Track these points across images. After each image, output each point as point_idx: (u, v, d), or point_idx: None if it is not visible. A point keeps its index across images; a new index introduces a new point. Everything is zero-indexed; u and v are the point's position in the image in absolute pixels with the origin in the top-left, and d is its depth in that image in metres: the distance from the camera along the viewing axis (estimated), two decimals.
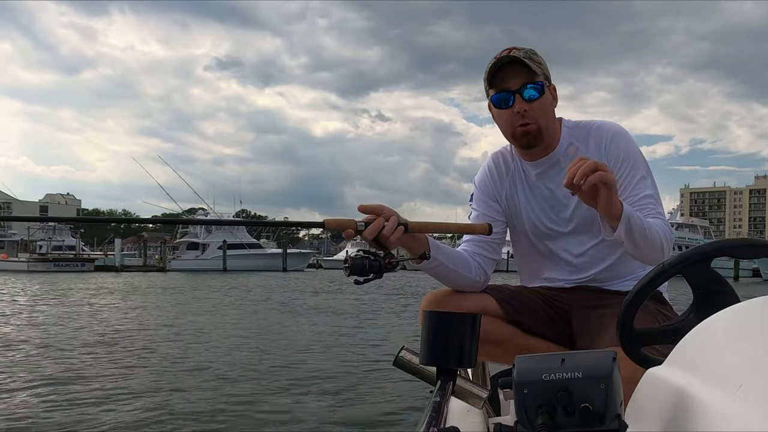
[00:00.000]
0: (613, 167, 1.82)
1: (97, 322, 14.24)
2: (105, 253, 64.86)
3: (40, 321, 14.54)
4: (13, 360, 9.22)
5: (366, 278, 1.44)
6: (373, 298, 20.71)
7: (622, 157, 1.84)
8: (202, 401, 6.64)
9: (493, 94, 1.85)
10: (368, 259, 1.43)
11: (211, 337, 11.67)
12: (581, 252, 1.92)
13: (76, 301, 20.78)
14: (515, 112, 1.82)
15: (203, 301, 21.29)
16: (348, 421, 5.94)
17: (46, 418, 5.96)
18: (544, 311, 1.92)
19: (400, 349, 1.30)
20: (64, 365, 8.66)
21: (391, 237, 1.53)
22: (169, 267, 54.39)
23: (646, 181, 1.84)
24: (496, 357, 1.93)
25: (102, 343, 10.86)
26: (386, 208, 1.57)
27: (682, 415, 0.79)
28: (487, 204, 1.99)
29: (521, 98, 1.81)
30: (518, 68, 1.81)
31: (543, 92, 1.83)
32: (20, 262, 52.59)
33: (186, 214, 67.93)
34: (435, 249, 1.79)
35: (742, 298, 1.04)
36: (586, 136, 1.90)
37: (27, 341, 11.07)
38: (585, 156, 1.83)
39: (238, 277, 40.51)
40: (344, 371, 8.28)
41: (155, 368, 8.46)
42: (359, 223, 1.51)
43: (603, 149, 1.86)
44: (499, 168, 2.00)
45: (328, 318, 15.49)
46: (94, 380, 7.62)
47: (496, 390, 2.03)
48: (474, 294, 1.91)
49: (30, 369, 8.40)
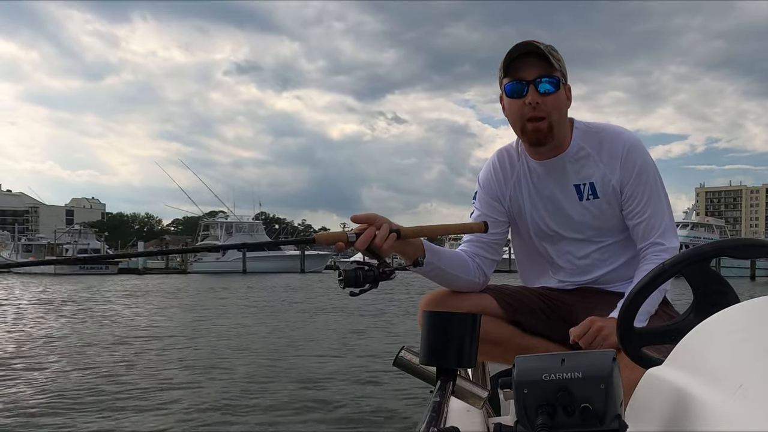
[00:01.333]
0: (626, 181, 1.82)
1: (124, 322, 15.06)
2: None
3: (68, 321, 15.15)
4: (44, 359, 9.60)
5: (362, 289, 1.44)
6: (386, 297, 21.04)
7: (636, 172, 1.82)
8: (201, 396, 6.76)
9: (507, 82, 1.80)
10: (362, 269, 1.43)
11: (221, 336, 12.12)
12: (584, 255, 1.91)
13: (103, 302, 21.80)
14: (527, 102, 1.76)
15: (221, 301, 22.18)
16: (348, 421, 5.94)
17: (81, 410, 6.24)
18: (544, 311, 1.91)
19: (400, 349, 1.30)
20: (95, 363, 9.09)
21: (383, 245, 1.52)
22: (190, 269, 55.96)
23: (659, 200, 1.84)
24: (496, 357, 1.93)
25: (133, 341, 11.54)
26: (378, 216, 1.56)
27: (682, 415, 0.79)
28: (489, 204, 1.97)
29: (535, 90, 1.75)
30: (536, 60, 1.76)
31: (558, 88, 1.78)
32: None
33: (207, 217, 70.67)
34: (430, 253, 1.78)
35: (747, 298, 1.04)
36: (599, 142, 1.86)
37: (59, 340, 11.72)
38: (599, 163, 1.83)
39: (257, 278, 41.01)
40: (344, 371, 8.29)
41: (174, 365, 8.78)
42: (350, 235, 1.50)
43: (618, 161, 1.83)
44: (504, 167, 1.96)
45: (336, 318, 15.62)
46: (123, 378, 8.01)
47: (496, 390, 2.03)
48: (474, 294, 1.90)
49: (61, 367, 8.83)
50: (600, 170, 1.83)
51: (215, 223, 63.04)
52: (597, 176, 1.84)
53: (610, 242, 1.90)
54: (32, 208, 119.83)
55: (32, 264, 2.91)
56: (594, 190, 1.85)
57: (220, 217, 64.94)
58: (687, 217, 57.92)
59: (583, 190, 1.85)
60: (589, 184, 1.85)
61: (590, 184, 1.85)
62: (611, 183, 1.83)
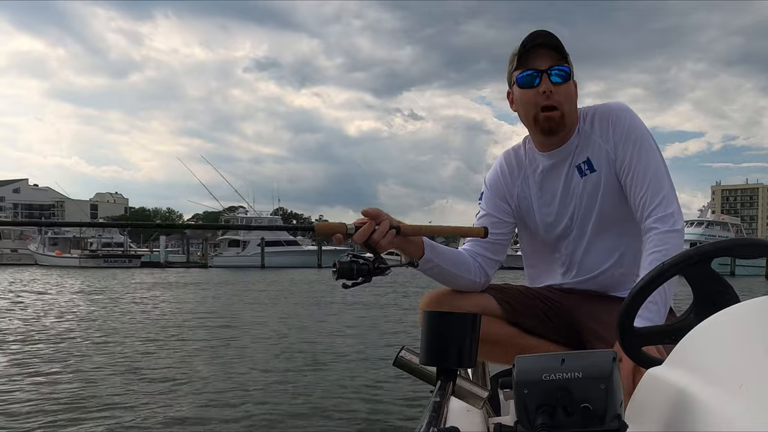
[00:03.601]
0: (617, 144, 1.83)
1: (155, 313, 15.79)
2: (150, 249, 69.50)
3: (95, 314, 15.64)
4: (70, 350, 9.89)
5: (354, 282, 1.45)
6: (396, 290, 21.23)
7: (626, 133, 1.83)
8: (200, 391, 6.78)
9: (519, 74, 1.82)
10: (357, 263, 1.44)
11: (229, 331, 12.29)
12: (589, 251, 1.91)
13: (129, 294, 22.63)
14: (541, 91, 1.79)
15: (241, 295, 22.86)
16: (348, 421, 5.93)
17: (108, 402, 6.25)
18: (544, 312, 1.91)
19: (400, 349, 1.30)
20: (120, 354, 9.45)
21: (381, 241, 1.53)
22: (210, 263, 56.71)
23: (654, 156, 1.81)
24: (496, 357, 1.93)
25: (158, 332, 12.04)
26: (382, 212, 1.58)
27: (682, 415, 0.79)
28: (495, 204, 1.97)
29: (548, 79, 1.79)
30: (548, 51, 1.80)
31: (570, 78, 1.82)
32: (73, 258, 56.14)
33: (227, 211, 72.17)
34: (431, 251, 1.78)
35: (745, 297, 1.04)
36: (592, 119, 1.89)
37: (86, 330, 12.26)
38: (593, 136, 1.85)
39: (275, 273, 41.39)
40: (345, 371, 8.28)
41: (191, 358, 8.83)
42: (350, 227, 1.52)
43: (610, 129, 1.85)
44: (511, 167, 1.98)
45: (342, 315, 15.67)
46: (148, 369, 8.31)
47: (496, 390, 2.03)
48: (474, 294, 1.90)
49: (88, 358, 9.16)
50: (595, 143, 1.85)
51: (235, 218, 63.17)
52: (593, 150, 1.86)
53: (616, 236, 1.89)
54: (58, 203, 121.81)
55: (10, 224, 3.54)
56: (590, 164, 1.86)
57: (240, 212, 65.40)
58: (702, 215, 57.07)
59: (583, 168, 1.87)
60: (586, 159, 1.86)
61: (587, 160, 1.86)
62: (607, 151, 1.84)
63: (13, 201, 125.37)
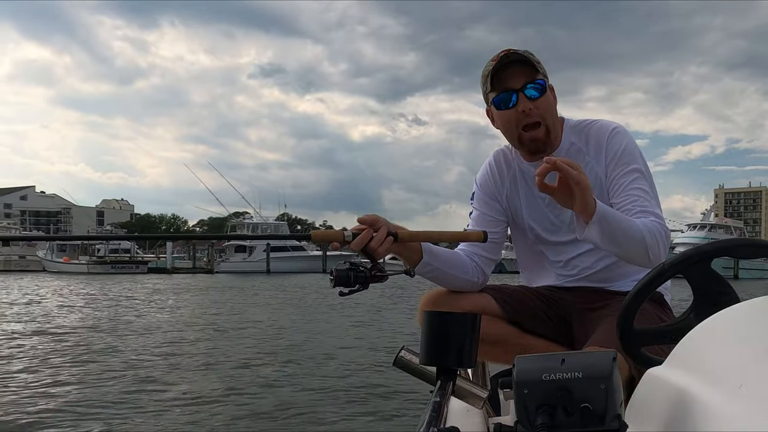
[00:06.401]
0: (609, 164, 1.82)
1: (163, 317, 15.95)
2: (157, 255, 69.93)
3: (104, 318, 15.74)
4: (81, 355, 9.85)
5: (351, 289, 1.45)
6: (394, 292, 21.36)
7: (619, 154, 1.81)
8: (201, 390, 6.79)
9: (495, 96, 1.81)
10: (353, 270, 1.44)
11: (228, 334, 12.42)
12: (582, 252, 1.91)
13: (136, 299, 22.95)
14: (520, 111, 1.78)
15: (248, 299, 23.29)
16: (348, 421, 5.93)
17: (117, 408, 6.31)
18: (543, 311, 1.91)
19: (400, 349, 1.30)
20: (131, 360, 9.34)
21: (379, 248, 1.53)
22: (216, 269, 57.30)
23: (641, 177, 1.79)
24: (496, 357, 1.93)
25: (172, 334, 12.24)
26: (380, 218, 1.58)
27: (682, 415, 0.79)
28: (487, 203, 1.98)
29: (525, 97, 1.77)
30: (519, 67, 1.78)
31: (545, 90, 1.80)
32: (81, 264, 57.01)
33: (233, 217, 71.86)
34: (429, 255, 1.78)
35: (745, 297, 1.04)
36: (587, 136, 1.87)
37: (95, 335, 12.23)
38: (586, 157, 1.83)
39: (281, 278, 41.47)
40: (345, 371, 8.29)
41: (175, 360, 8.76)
42: (347, 235, 1.51)
43: (603, 150, 1.84)
44: (500, 167, 1.98)
45: (343, 316, 15.72)
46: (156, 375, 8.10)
47: (496, 390, 2.03)
48: (473, 294, 1.90)
49: (96, 362, 9.12)
50: (588, 164, 1.83)
51: (242, 224, 63.23)
52: (586, 170, 1.84)
53: None
54: (65, 209, 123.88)
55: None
56: None
57: (246, 218, 65.63)
58: (705, 218, 57.03)
59: None
60: None
61: None
62: (597, 174, 1.82)
63: (20, 208, 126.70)
